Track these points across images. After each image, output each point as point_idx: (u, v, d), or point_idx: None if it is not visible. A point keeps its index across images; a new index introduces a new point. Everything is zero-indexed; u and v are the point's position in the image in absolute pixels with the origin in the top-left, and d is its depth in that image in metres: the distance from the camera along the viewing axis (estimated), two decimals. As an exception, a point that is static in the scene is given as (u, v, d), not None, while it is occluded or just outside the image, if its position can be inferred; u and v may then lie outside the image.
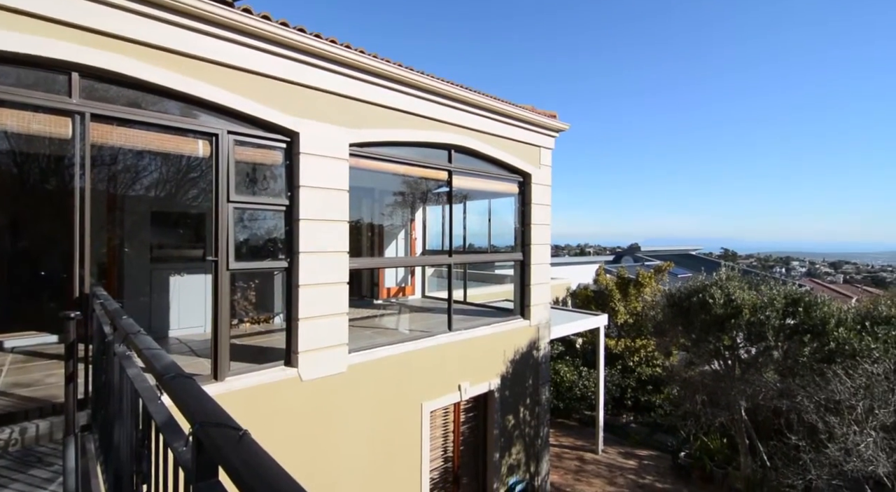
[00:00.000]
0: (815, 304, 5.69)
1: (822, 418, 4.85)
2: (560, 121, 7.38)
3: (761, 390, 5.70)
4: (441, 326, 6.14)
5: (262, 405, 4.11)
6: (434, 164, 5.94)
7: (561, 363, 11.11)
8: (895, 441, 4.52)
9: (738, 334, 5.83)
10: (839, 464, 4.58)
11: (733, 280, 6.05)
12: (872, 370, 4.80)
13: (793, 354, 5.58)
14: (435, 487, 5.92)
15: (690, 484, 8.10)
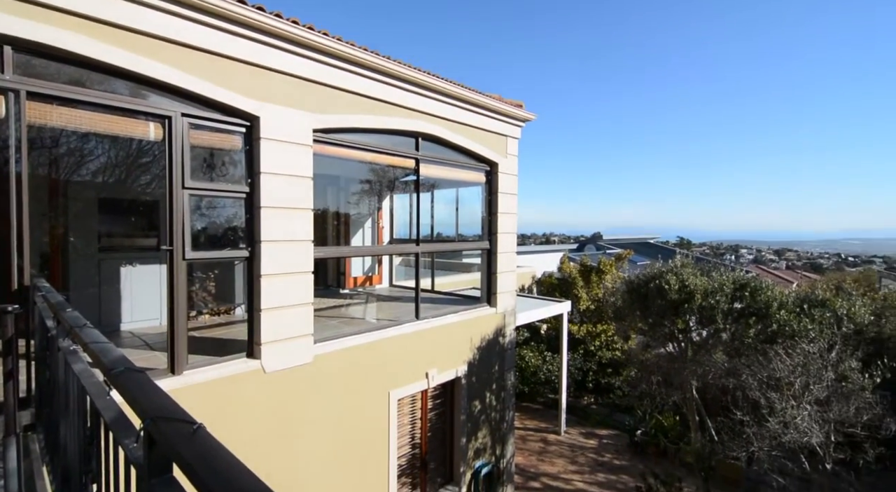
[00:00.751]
0: (760, 289, 6.09)
1: (764, 394, 5.22)
2: (526, 111, 7.45)
3: (711, 369, 6.07)
4: (408, 314, 6.15)
5: (223, 399, 4.01)
6: (401, 152, 5.88)
7: (526, 349, 11.39)
8: (827, 414, 4.94)
9: (691, 318, 6.16)
10: (778, 436, 4.96)
11: (687, 267, 6.36)
12: (809, 349, 5.20)
13: (739, 336, 5.96)
14: (402, 473, 5.99)
15: (646, 460, 8.56)
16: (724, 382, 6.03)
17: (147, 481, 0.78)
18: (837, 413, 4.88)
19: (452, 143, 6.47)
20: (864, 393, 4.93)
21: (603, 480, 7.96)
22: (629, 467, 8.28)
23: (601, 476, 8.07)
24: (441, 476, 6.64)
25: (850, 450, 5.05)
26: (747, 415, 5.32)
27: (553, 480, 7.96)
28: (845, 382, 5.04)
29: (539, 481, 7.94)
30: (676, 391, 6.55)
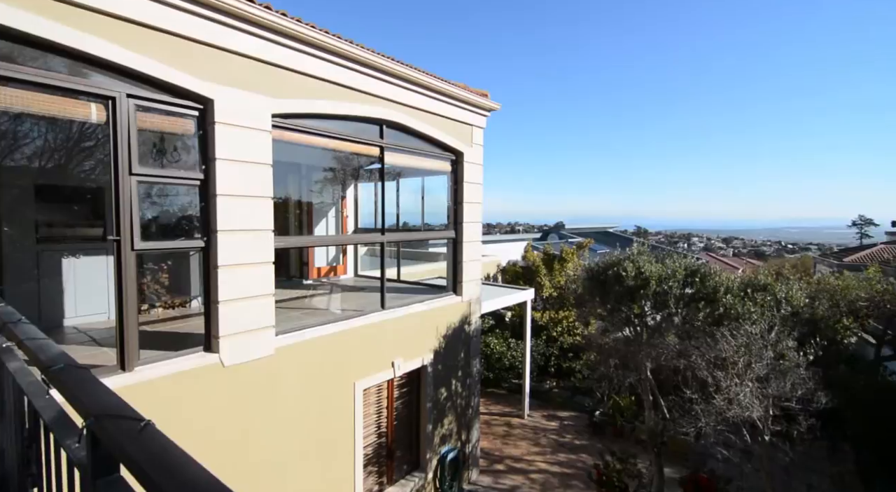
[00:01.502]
0: (709, 275, 6.45)
1: (712, 373, 5.57)
2: (491, 100, 7.47)
3: (664, 351, 6.40)
4: (374, 304, 6.11)
5: (180, 394, 3.86)
6: (365, 139, 5.77)
7: (491, 336, 11.60)
8: (766, 390, 5.33)
9: (647, 303, 6.44)
10: (723, 412, 5.31)
11: (643, 255, 6.64)
12: (751, 331, 5.57)
13: (690, 319, 6.31)
14: (368, 463, 6.00)
15: (604, 439, 8.98)
16: (676, 363, 6.37)
17: (92, 482, 0.75)
18: (775, 389, 5.28)
19: (417, 131, 6.41)
20: (798, 370, 5.35)
21: (564, 459, 8.29)
22: (588, 447, 8.66)
23: (562, 456, 8.40)
24: (407, 463, 6.70)
25: (786, 422, 5.48)
26: (696, 393, 5.66)
27: (516, 462, 8.21)
28: (783, 360, 5.44)
29: (503, 463, 8.17)
30: (632, 373, 6.88)
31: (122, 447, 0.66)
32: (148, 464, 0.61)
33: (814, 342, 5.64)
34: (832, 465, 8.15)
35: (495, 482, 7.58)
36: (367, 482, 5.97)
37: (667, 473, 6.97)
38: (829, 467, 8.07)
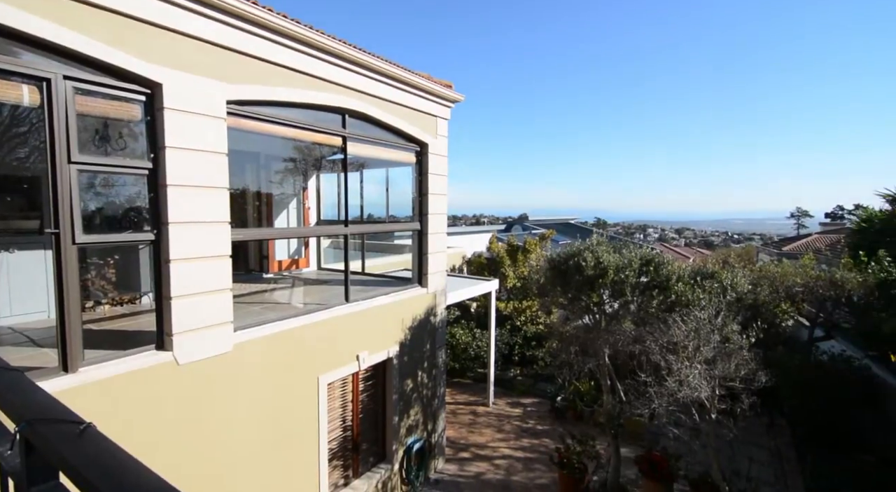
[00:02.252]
0: (662, 264, 6.77)
1: (664, 357, 5.87)
2: (455, 91, 7.45)
3: (621, 338, 6.69)
4: (338, 297, 6.01)
5: (130, 396, 3.67)
6: (327, 129, 5.62)
7: (457, 327, 11.71)
8: (713, 371, 5.68)
9: (605, 292, 6.68)
10: (674, 393, 5.62)
11: (602, 245, 6.87)
12: (700, 316, 5.91)
13: (644, 307, 6.60)
14: (334, 457, 5.95)
15: (565, 423, 9.31)
16: (632, 348, 6.67)
17: (27, 490, 0.70)
18: (721, 370, 5.63)
19: (381, 121, 6.32)
20: (742, 352, 5.73)
21: (527, 445, 8.53)
22: (550, 431, 8.96)
23: (525, 442, 8.64)
24: (373, 455, 6.70)
25: (730, 401, 5.87)
26: (650, 376, 5.96)
27: (481, 449, 8.38)
28: (728, 342, 5.80)
29: (469, 451, 8.32)
30: (592, 359, 7.14)
31: (60, 453, 0.62)
32: (88, 469, 0.58)
33: (755, 326, 6.05)
34: (770, 438, 8.83)
35: (461, 470, 7.71)
36: (332, 477, 5.93)
37: (623, 453, 7.33)
38: (767, 441, 8.74)
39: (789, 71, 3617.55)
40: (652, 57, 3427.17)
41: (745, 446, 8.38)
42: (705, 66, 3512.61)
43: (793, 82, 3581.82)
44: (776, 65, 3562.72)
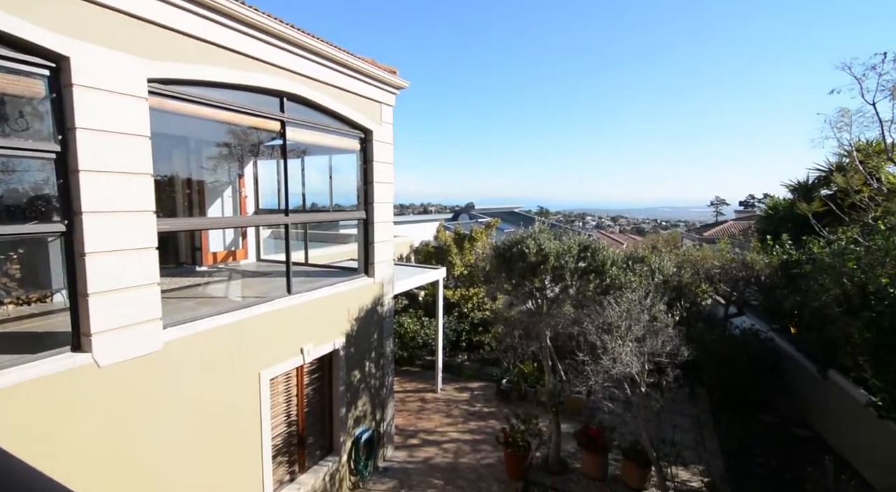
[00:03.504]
0: (599, 249, 7.16)
1: (600, 337, 6.26)
2: (400, 78, 7.34)
3: (561, 320, 7.03)
4: (279, 290, 5.79)
5: (43, 403, 3.33)
6: (264, 112, 5.33)
7: (405, 316, 11.72)
8: (643, 348, 6.14)
9: (547, 277, 6.97)
10: (609, 370, 6.03)
11: (544, 233, 7.14)
12: (632, 298, 6.35)
13: (582, 290, 6.98)
14: (278, 453, 5.79)
15: (510, 404, 9.68)
16: (571, 330, 7.04)
17: None
18: (650, 347, 6.10)
19: (322, 106, 6.09)
20: (668, 329, 6.23)
21: (474, 427, 8.79)
22: (496, 413, 9.28)
23: (473, 424, 8.90)
24: (321, 449, 6.60)
25: (658, 374, 6.38)
26: (587, 356, 6.33)
27: (430, 434, 8.52)
28: (656, 321, 6.29)
29: (417, 437, 8.43)
30: (534, 342, 7.45)
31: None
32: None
33: (679, 305, 6.60)
34: (691, 406, 9.74)
35: (410, 456, 7.80)
36: (277, 473, 5.77)
37: (564, 428, 7.76)
38: (689, 409, 9.63)
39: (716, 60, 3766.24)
40: (594, 52, 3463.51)
41: (670, 415, 9.18)
42: (639, 66, 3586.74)
43: (716, 79, 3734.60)
44: (701, 63, 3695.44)
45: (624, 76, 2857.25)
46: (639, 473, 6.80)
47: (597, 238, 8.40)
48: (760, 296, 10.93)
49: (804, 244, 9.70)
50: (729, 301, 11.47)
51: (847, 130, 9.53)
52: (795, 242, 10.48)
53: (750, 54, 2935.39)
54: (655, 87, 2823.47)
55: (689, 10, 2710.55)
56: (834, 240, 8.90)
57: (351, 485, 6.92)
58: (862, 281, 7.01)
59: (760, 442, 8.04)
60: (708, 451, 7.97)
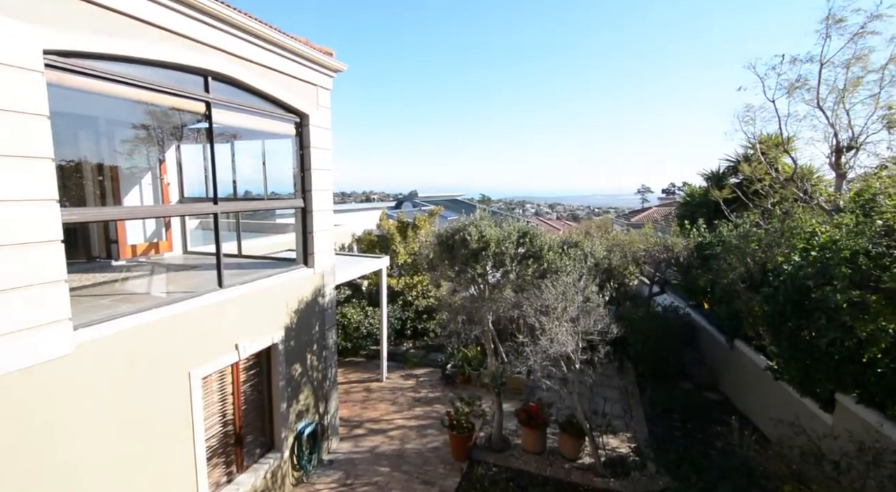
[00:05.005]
0: (537, 235, 7.46)
1: (538, 319, 6.56)
2: (337, 60, 7.07)
3: (502, 304, 7.27)
4: (210, 283, 5.45)
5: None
6: (186, 92, 4.92)
7: (348, 306, 11.52)
8: (577, 327, 6.52)
9: (488, 263, 7.16)
10: (547, 350, 6.35)
11: (485, 220, 7.29)
12: (567, 281, 6.70)
13: (522, 275, 7.24)
14: (214, 454, 5.52)
15: (455, 388, 9.90)
16: (512, 313, 7.31)
17: None
18: (583, 326, 6.50)
19: (253, 87, 5.73)
20: (599, 309, 6.66)
21: (420, 413, 8.91)
22: (441, 398, 9.46)
23: (418, 410, 9.01)
24: (261, 446, 6.37)
25: (590, 351, 6.83)
26: (527, 337, 6.62)
27: (376, 423, 8.52)
28: (588, 302, 6.70)
29: (363, 427, 8.40)
30: (477, 326, 7.65)
31: None
32: None
33: (609, 286, 7.07)
34: (620, 379, 10.53)
35: (355, 447, 7.76)
36: (212, 475, 5.51)
37: (506, 408, 8.09)
38: (618, 381, 10.41)
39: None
40: (549, 54, 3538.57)
41: (602, 388, 9.87)
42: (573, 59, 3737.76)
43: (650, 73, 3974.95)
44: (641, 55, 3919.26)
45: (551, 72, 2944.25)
46: (574, 444, 7.27)
47: (535, 225, 8.73)
48: (680, 275, 11.96)
49: (716, 228, 10.72)
50: (653, 281, 12.45)
51: (752, 124, 10.61)
52: (709, 226, 11.55)
53: (675, 55, 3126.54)
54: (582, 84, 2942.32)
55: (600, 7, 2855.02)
56: (740, 224, 9.91)
57: (294, 481, 6.77)
58: (762, 260, 7.90)
59: (679, 407, 8.89)
60: (634, 418, 8.69)
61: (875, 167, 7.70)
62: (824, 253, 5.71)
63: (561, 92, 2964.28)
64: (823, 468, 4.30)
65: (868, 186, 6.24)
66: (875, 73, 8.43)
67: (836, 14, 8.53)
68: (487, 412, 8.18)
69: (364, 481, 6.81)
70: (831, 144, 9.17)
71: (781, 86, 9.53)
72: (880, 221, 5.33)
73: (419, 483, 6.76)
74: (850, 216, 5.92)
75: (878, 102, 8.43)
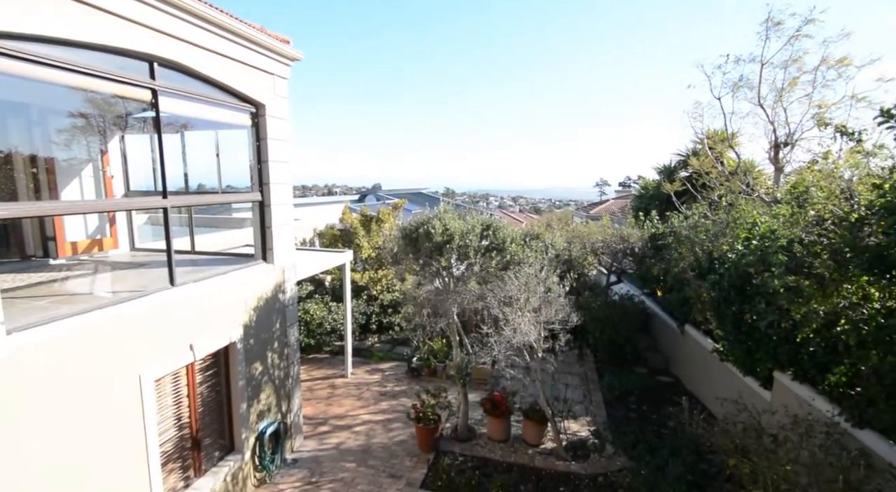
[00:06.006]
0: (500, 228, 7.56)
1: (502, 310, 6.67)
2: (294, 48, 6.84)
3: (467, 297, 7.34)
4: (161, 281, 5.18)
5: None
6: (129, 78, 4.62)
7: (311, 302, 11.28)
8: (539, 317, 6.69)
9: (452, 256, 7.19)
10: (510, 340, 6.48)
11: (449, 213, 7.31)
12: (529, 272, 6.84)
13: (486, 267, 7.33)
14: (169, 460, 5.29)
15: (421, 380, 9.94)
16: (476, 305, 7.40)
17: None
18: (545, 316, 6.68)
19: (204, 75, 5.46)
20: (560, 299, 6.86)
21: (386, 407, 8.89)
22: (407, 391, 9.46)
23: (384, 404, 8.98)
24: (220, 449, 6.16)
25: (552, 340, 7.03)
26: (491, 328, 6.73)
27: (341, 419, 8.43)
28: (550, 292, 6.88)
29: (328, 423, 8.28)
30: (442, 319, 7.69)
31: None
32: None
33: (570, 276, 7.28)
34: (580, 366, 10.91)
35: (320, 444, 7.65)
36: (168, 481, 5.28)
37: (471, 398, 8.21)
38: (578, 368, 10.78)
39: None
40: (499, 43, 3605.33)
41: (563, 375, 10.20)
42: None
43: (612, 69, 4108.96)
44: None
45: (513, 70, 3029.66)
46: (537, 430, 7.49)
47: (499, 217, 8.84)
48: (635, 265, 12.49)
49: (668, 219, 11.25)
50: (610, 271, 12.94)
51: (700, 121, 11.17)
52: (662, 217, 12.11)
53: (636, 51, 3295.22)
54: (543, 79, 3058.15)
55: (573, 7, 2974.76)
56: (689, 215, 10.45)
57: (256, 482, 6.61)
58: (709, 249, 8.37)
59: (635, 391, 9.33)
60: (593, 403, 9.05)
61: (808, 162, 8.30)
62: (764, 242, 6.12)
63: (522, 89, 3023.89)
64: (763, 442, 4.64)
65: (802, 180, 6.73)
66: (809, 74, 9.08)
67: (774, 17, 9.10)
68: (453, 403, 8.27)
69: (329, 478, 6.73)
70: (770, 139, 9.81)
71: (727, 84, 10.09)
72: (812, 212, 5.78)
73: (386, 477, 6.76)
74: (787, 207, 6.37)
75: (812, 101, 9.09)
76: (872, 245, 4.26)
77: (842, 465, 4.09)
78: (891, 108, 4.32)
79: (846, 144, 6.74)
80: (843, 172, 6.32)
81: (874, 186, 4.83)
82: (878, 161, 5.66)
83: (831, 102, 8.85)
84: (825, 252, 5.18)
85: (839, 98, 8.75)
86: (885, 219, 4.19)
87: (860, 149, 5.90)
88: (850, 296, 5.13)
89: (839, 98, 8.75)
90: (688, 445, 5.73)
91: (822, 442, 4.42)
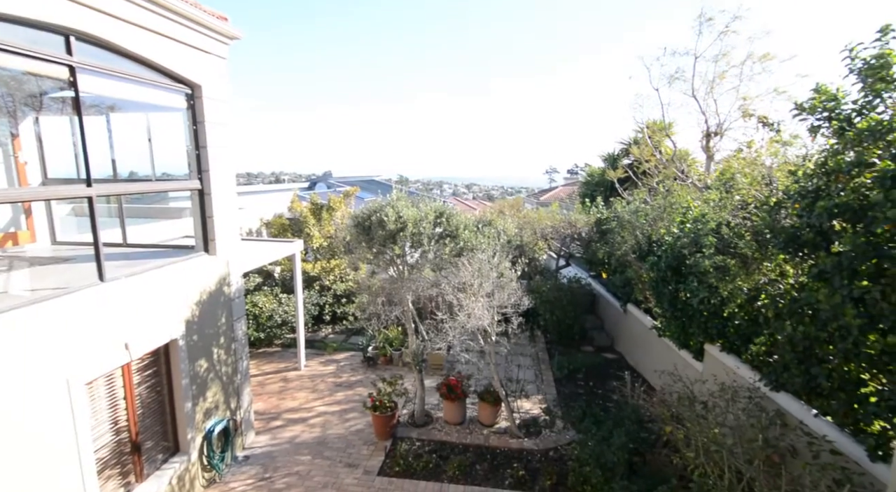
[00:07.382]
0: (453, 215, 7.60)
1: (456, 296, 6.76)
2: (233, 26, 6.43)
3: (421, 284, 7.36)
4: (88, 277, 4.77)
5: None
6: (42, 53, 4.15)
7: (259, 294, 10.86)
8: (492, 302, 6.84)
9: (406, 244, 7.16)
10: (465, 325, 6.59)
11: (402, 201, 7.24)
12: (482, 258, 6.96)
13: (440, 254, 7.37)
14: (106, 466, 4.95)
15: (377, 369, 9.91)
16: (431, 292, 7.45)
17: None
18: (498, 300, 6.84)
19: (131, 52, 5.02)
20: (512, 283, 7.04)
21: (342, 397, 8.80)
22: (364, 381, 9.41)
23: (340, 395, 8.89)
24: (163, 451, 5.85)
25: (505, 323, 7.22)
26: (446, 314, 6.80)
27: (295, 413, 8.26)
28: (502, 277, 7.04)
29: (281, 418, 8.09)
30: (397, 307, 7.67)
31: None
32: None
33: (521, 261, 7.48)
34: (532, 347, 11.31)
35: (273, 439, 7.47)
36: (105, 490, 4.96)
37: (427, 384, 8.31)
38: (530, 349, 11.18)
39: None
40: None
41: (516, 357, 10.54)
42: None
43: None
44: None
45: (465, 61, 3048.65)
46: (491, 410, 7.72)
47: (453, 205, 8.89)
48: (582, 249, 13.04)
49: (612, 205, 11.80)
50: (559, 255, 13.44)
51: (641, 111, 11.73)
52: (606, 203, 12.68)
53: (582, 42, 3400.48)
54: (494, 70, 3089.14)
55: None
56: (631, 201, 11.01)
57: (205, 482, 6.36)
58: (649, 232, 8.89)
59: (582, 368, 9.82)
60: (544, 382, 9.44)
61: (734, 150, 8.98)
62: (696, 225, 6.58)
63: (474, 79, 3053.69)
64: (695, 408, 5.06)
65: (729, 167, 7.27)
66: (736, 68, 9.76)
67: (706, 13, 9.67)
68: (410, 390, 8.32)
69: (284, 473, 6.60)
70: (702, 129, 10.50)
71: (664, 76, 10.63)
72: (738, 197, 6.27)
73: (343, 467, 6.73)
74: (716, 193, 6.88)
75: (739, 94, 9.79)
76: (788, 226, 4.70)
77: (761, 425, 4.56)
78: (804, 102, 4.75)
79: (767, 134, 7.34)
80: (765, 160, 6.89)
81: (790, 173, 5.32)
82: (794, 150, 6.23)
83: (755, 95, 9.60)
84: (748, 233, 5.66)
85: (763, 91, 9.50)
86: (798, 202, 4.62)
87: (779, 139, 6.45)
88: (769, 273, 5.66)
89: (763, 91, 9.50)
90: (630, 415, 6.13)
91: (745, 406, 4.89)
